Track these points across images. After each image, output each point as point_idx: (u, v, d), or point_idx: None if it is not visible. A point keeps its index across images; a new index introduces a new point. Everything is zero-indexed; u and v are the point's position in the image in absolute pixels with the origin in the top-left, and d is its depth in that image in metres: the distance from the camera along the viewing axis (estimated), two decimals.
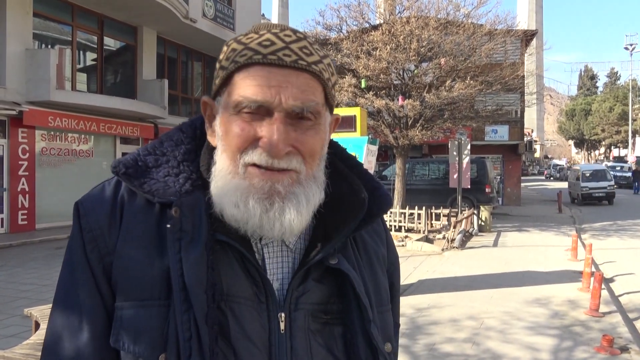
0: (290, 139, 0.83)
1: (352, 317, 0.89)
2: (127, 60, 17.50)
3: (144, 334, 0.82)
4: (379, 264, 1.01)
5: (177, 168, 0.91)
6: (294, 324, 0.87)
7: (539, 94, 21.44)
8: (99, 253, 0.87)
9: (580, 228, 15.68)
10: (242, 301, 0.85)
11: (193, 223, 0.84)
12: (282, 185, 0.83)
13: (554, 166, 74.66)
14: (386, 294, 1.00)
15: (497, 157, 23.97)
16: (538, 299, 7.05)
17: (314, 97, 0.85)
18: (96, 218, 0.88)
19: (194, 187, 0.89)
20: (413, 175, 18.58)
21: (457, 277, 8.54)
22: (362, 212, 0.93)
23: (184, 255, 0.81)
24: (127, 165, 0.90)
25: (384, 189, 1.00)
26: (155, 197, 0.88)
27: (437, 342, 5.36)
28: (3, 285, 7.78)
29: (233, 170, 0.84)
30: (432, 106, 14.24)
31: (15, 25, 13.11)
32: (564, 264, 9.70)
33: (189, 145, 0.95)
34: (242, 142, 0.83)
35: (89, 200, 0.91)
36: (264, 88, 0.82)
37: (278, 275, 0.90)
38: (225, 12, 19.76)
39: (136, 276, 0.84)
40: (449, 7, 14.94)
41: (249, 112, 0.83)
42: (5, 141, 13.11)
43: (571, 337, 5.53)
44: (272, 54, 0.82)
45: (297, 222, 0.84)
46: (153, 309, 0.82)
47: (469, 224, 13.82)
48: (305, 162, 0.85)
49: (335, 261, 0.89)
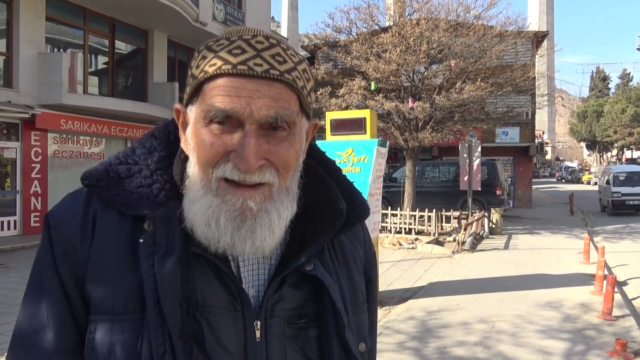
0: (263, 152, 0.80)
1: (327, 320, 0.89)
2: (138, 64, 17.63)
3: (117, 348, 0.80)
4: (355, 266, 1.00)
5: (150, 178, 0.88)
6: (270, 331, 0.86)
7: (550, 96, 21.27)
8: (70, 266, 0.84)
9: (592, 231, 15.53)
10: (217, 311, 0.84)
11: (167, 236, 0.82)
12: (254, 201, 0.81)
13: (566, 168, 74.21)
14: (362, 295, 1.00)
15: (508, 159, 23.83)
16: (550, 302, 6.99)
17: (288, 106, 0.82)
18: (67, 230, 0.86)
19: (167, 198, 0.87)
20: (423, 177, 18.51)
21: (467, 279, 8.49)
22: (340, 222, 0.92)
23: (158, 269, 0.80)
24: (98, 177, 0.88)
25: (361, 196, 0.99)
26: (128, 209, 0.85)
27: (447, 345, 5.33)
28: (16, 286, 7.85)
29: (206, 185, 0.82)
30: (442, 108, 14.19)
31: (28, 29, 13.26)
32: (575, 267, 9.62)
33: (162, 152, 0.92)
34: (213, 156, 0.80)
35: (60, 212, 0.88)
36: (233, 99, 0.79)
37: (254, 283, 0.89)
38: (235, 15, 19.84)
39: (109, 290, 0.82)
40: (459, 8, 14.91)
41: (219, 123, 0.80)
42: (18, 144, 13.25)
43: (584, 341, 5.48)
44: (242, 63, 0.79)
45: (269, 240, 0.83)
46: (127, 323, 0.81)
47: (479, 227, 13.75)
48: (279, 175, 0.83)
49: (310, 267, 0.88)
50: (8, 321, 6.02)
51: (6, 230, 13.03)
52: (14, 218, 13.23)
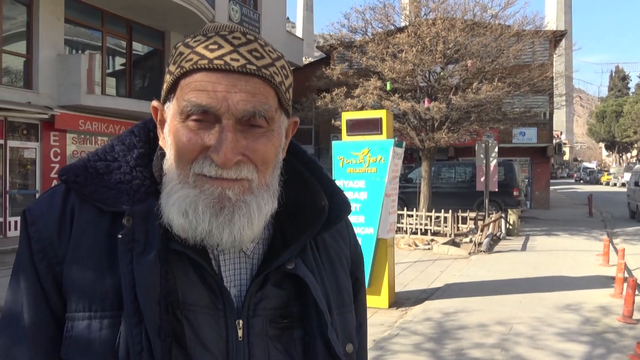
0: (241, 147, 0.79)
1: (310, 320, 0.88)
2: (155, 65, 17.78)
3: (94, 345, 0.79)
4: (340, 265, 0.99)
5: (129, 174, 0.87)
6: (252, 330, 0.85)
7: (568, 96, 21.02)
8: (48, 263, 0.83)
9: (611, 232, 15.30)
10: (198, 309, 0.82)
11: (146, 232, 0.81)
12: (232, 192, 0.80)
13: (584, 169, 73.29)
14: (348, 295, 0.98)
15: (525, 160, 23.59)
16: (569, 305, 6.89)
17: (266, 100, 0.81)
18: (45, 227, 0.85)
19: (147, 194, 0.86)
20: (439, 178, 18.40)
21: (484, 281, 8.42)
22: (322, 220, 0.91)
23: (136, 266, 0.79)
24: (76, 172, 0.87)
25: (343, 194, 0.98)
26: (106, 206, 0.84)
27: (465, 347, 5.29)
28: None
29: (183, 180, 0.81)
30: (458, 108, 14.10)
31: (47, 31, 13.45)
32: (595, 269, 9.48)
33: (141, 149, 0.91)
34: (190, 152, 0.80)
35: (38, 208, 0.87)
36: (210, 93, 0.78)
37: (236, 282, 0.87)
38: (251, 16, 19.92)
39: (87, 287, 0.81)
40: (475, 8, 14.81)
41: (196, 119, 0.79)
42: (37, 144, 13.45)
43: (604, 344, 5.39)
44: (218, 58, 0.79)
45: (248, 231, 0.82)
46: (104, 321, 0.80)
47: (496, 228, 13.64)
48: (258, 171, 0.82)
49: (292, 266, 0.87)
50: None
51: None
52: None
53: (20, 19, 13.39)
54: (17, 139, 13.09)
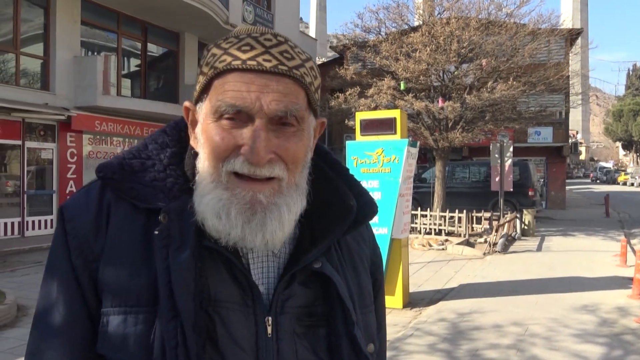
0: (272, 146, 0.81)
1: (336, 319, 0.89)
2: (170, 66, 17.91)
3: (129, 340, 0.81)
4: (362, 266, 1.00)
5: (163, 172, 0.89)
6: (280, 327, 0.86)
7: (584, 95, 20.77)
8: (84, 259, 0.85)
9: (629, 233, 15.10)
10: (229, 306, 0.84)
11: (181, 229, 0.83)
12: (263, 195, 0.82)
13: (601, 169, 72.41)
14: (369, 295, 0.99)
15: (541, 160, 23.36)
16: (585, 306, 6.82)
17: (297, 100, 0.83)
18: (82, 223, 0.87)
19: (181, 192, 0.87)
20: (453, 178, 18.31)
21: (499, 281, 8.36)
22: (350, 219, 0.92)
23: (172, 262, 0.80)
24: (113, 170, 0.89)
25: (369, 194, 0.99)
26: (142, 202, 0.86)
27: (480, 347, 5.26)
28: None
29: (216, 179, 0.83)
30: (472, 108, 14.01)
31: (64, 33, 13.61)
32: (612, 269, 9.37)
33: (174, 148, 0.93)
34: (223, 150, 0.81)
35: (74, 205, 0.89)
36: (243, 93, 0.80)
37: (263, 280, 0.89)
38: (265, 17, 19.98)
39: (123, 283, 0.83)
40: (490, 6, 14.70)
41: (229, 118, 0.81)
42: (54, 145, 13.61)
43: (621, 346, 5.33)
44: (251, 59, 0.81)
45: (279, 234, 0.83)
46: (139, 316, 0.81)
47: (511, 228, 13.53)
48: (288, 170, 0.84)
49: (318, 265, 0.88)
50: None
51: (43, 229, 13.40)
52: (50, 217, 13.59)
53: (38, 22, 13.56)
54: (34, 140, 13.26)
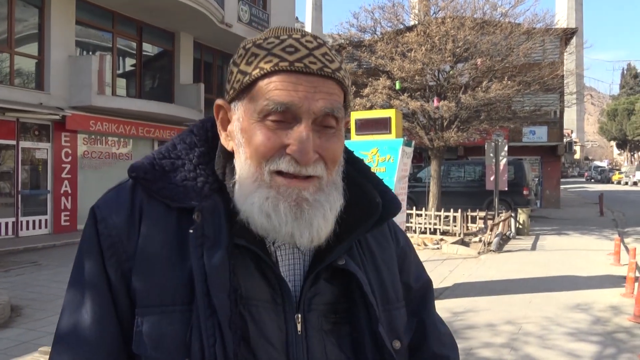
0: (316, 146, 0.83)
1: (358, 316, 0.90)
2: (165, 65, 17.88)
3: (166, 339, 0.82)
4: (384, 265, 1.00)
5: (193, 172, 0.90)
6: (309, 324, 0.88)
7: (579, 94, 20.89)
8: (117, 259, 0.86)
9: (623, 232, 15.17)
10: (259, 304, 0.85)
11: (214, 227, 0.84)
12: (308, 192, 0.84)
13: (595, 168, 72.69)
14: (394, 291, 1.00)
15: (536, 159, 23.45)
16: (579, 304, 6.86)
17: (339, 100, 0.87)
18: (114, 223, 0.87)
19: (212, 191, 0.89)
20: (448, 177, 18.35)
21: (494, 280, 8.39)
22: (376, 216, 0.94)
23: (207, 260, 0.81)
24: (145, 170, 0.90)
25: (392, 192, 1.00)
26: (174, 202, 0.87)
27: (474, 346, 5.28)
28: (47, 283, 8.05)
29: (259, 178, 0.84)
30: (468, 107, 14.05)
31: (59, 33, 13.58)
32: (605, 268, 9.42)
33: (202, 148, 0.94)
34: (268, 150, 0.83)
35: (106, 205, 0.90)
36: (291, 93, 0.82)
37: (290, 277, 0.90)
38: (260, 17, 19.97)
39: (157, 282, 0.83)
40: (485, 6, 14.75)
41: (275, 119, 0.83)
42: (49, 145, 13.58)
43: (614, 344, 5.36)
44: (298, 61, 0.83)
45: (325, 229, 0.85)
46: (175, 315, 0.82)
47: (506, 227, 13.57)
48: (327, 169, 0.86)
49: (342, 262, 0.90)
50: (41, 317, 6.17)
51: (37, 229, 13.37)
52: (45, 217, 13.56)
53: (32, 21, 13.52)
54: (29, 139, 13.22)
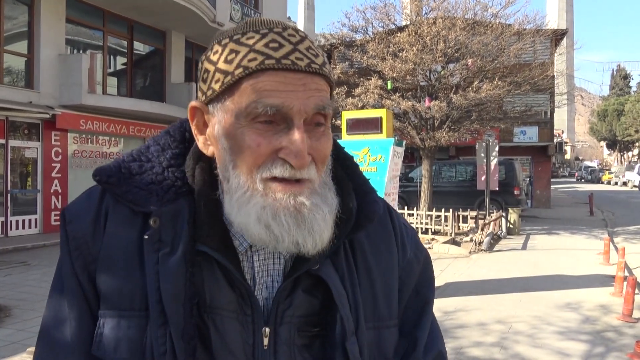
0: (308, 147, 0.78)
1: (334, 330, 0.83)
2: (156, 64, 17.80)
3: (122, 344, 0.80)
4: (380, 277, 0.91)
5: (161, 175, 0.87)
6: (279, 338, 0.83)
7: (569, 95, 20.99)
8: (83, 261, 0.85)
9: (612, 231, 15.29)
10: (225, 313, 0.81)
11: (173, 233, 0.81)
12: (304, 196, 0.79)
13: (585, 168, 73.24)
14: (388, 308, 0.91)
15: (526, 159, 23.58)
16: (568, 304, 6.91)
17: (327, 97, 0.82)
18: (80, 226, 0.86)
19: (177, 195, 0.85)
20: (440, 177, 18.41)
21: (484, 280, 8.43)
22: (350, 222, 0.87)
23: (161, 267, 0.79)
24: (109, 173, 0.87)
25: (375, 194, 0.94)
26: (137, 206, 0.85)
27: (464, 345, 5.30)
28: (36, 284, 7.99)
29: (251, 187, 0.79)
30: (459, 107, 14.10)
31: (49, 31, 13.47)
32: (595, 267, 9.49)
33: (176, 150, 0.90)
34: (259, 157, 0.77)
35: (75, 208, 0.89)
36: (281, 93, 0.76)
37: (267, 283, 0.85)
38: (252, 16, 19.88)
39: (116, 286, 0.82)
40: (476, 7, 14.80)
41: (264, 121, 0.77)
42: (39, 144, 13.47)
43: (603, 343, 5.40)
44: (284, 57, 0.77)
45: (326, 232, 0.81)
46: (132, 320, 0.81)
47: (497, 227, 13.63)
48: (317, 170, 0.81)
49: (316, 266, 0.83)
50: (31, 317, 6.13)
51: (27, 228, 13.26)
52: (34, 217, 13.46)
53: (22, 19, 13.41)
54: (18, 138, 13.11)
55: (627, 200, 29.04)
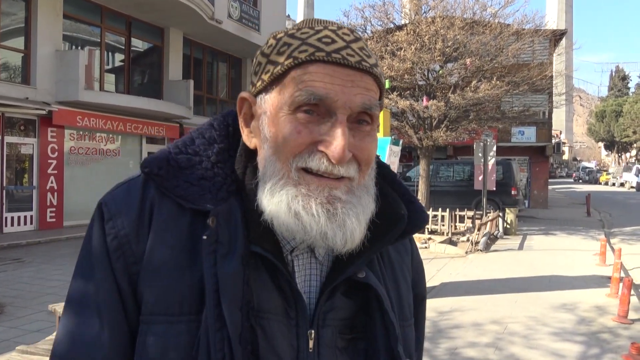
0: (350, 145, 0.77)
1: (376, 333, 0.84)
2: (154, 61, 17.76)
3: (170, 351, 0.76)
4: (403, 278, 0.95)
5: (211, 170, 0.83)
6: (322, 341, 0.82)
7: (567, 95, 21.00)
8: (125, 262, 0.79)
9: (609, 232, 15.31)
10: (272, 317, 0.79)
11: (229, 234, 0.78)
12: (340, 191, 0.77)
13: (583, 169, 73.38)
14: (409, 309, 0.95)
15: (524, 159, 23.59)
16: (564, 304, 6.89)
17: (376, 97, 0.80)
18: (123, 223, 0.80)
19: (228, 193, 0.82)
20: (437, 176, 18.41)
21: (480, 280, 8.42)
22: (401, 228, 0.87)
23: (220, 269, 0.75)
24: (159, 165, 0.83)
25: (419, 203, 0.94)
26: (188, 202, 0.80)
27: (459, 346, 5.28)
28: (30, 281, 7.95)
29: (286, 175, 0.77)
30: (457, 107, 14.09)
31: (46, 27, 13.42)
32: (591, 268, 9.48)
33: (222, 144, 0.87)
34: (298, 145, 0.76)
35: (115, 203, 0.83)
36: (327, 85, 0.75)
37: (306, 289, 0.84)
38: (251, 13, 19.88)
39: (165, 289, 0.77)
40: (475, 6, 14.78)
41: (307, 111, 0.76)
42: (35, 140, 13.42)
43: (598, 344, 5.39)
44: (335, 52, 0.77)
45: (359, 232, 0.79)
46: (182, 325, 0.76)
47: (493, 227, 13.63)
48: (360, 170, 0.80)
49: (363, 275, 0.83)
50: (23, 315, 6.10)
51: (22, 225, 13.22)
52: (30, 213, 13.41)
53: (19, 15, 13.35)
54: (14, 134, 13.06)
55: (625, 201, 29.09)
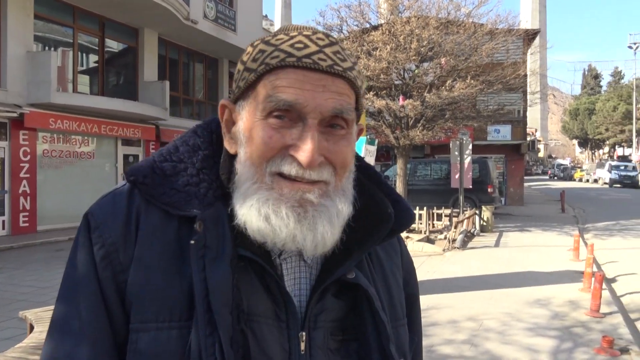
0: (322, 149, 0.78)
1: (367, 333, 0.85)
2: (129, 62, 17.53)
3: (162, 358, 0.76)
4: (392, 277, 0.96)
5: (196, 177, 0.84)
6: (314, 343, 0.82)
7: (542, 94, 21.33)
8: (112, 271, 0.79)
9: (583, 228, 15.60)
10: (262, 320, 0.80)
11: (217, 238, 0.78)
12: (313, 195, 0.78)
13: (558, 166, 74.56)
14: (401, 308, 0.95)
15: (500, 157, 23.88)
16: (538, 300, 7.00)
17: (350, 101, 0.81)
18: (110, 231, 0.80)
19: (215, 198, 0.83)
20: (415, 175, 18.55)
21: (457, 277, 8.50)
22: (388, 227, 0.88)
23: (209, 273, 0.75)
24: (144, 173, 0.83)
25: (405, 202, 0.94)
26: (175, 209, 0.81)
27: (435, 343, 5.33)
28: (2, 287, 7.78)
29: (259, 180, 0.79)
30: (433, 106, 14.19)
31: (16, 27, 13.14)
32: (565, 264, 9.65)
33: (206, 151, 0.88)
34: (269, 150, 0.77)
35: (101, 212, 0.83)
36: (297, 90, 0.76)
37: (296, 292, 0.85)
38: (227, 14, 19.76)
39: (154, 296, 0.77)
40: (449, 6, 14.89)
41: (278, 116, 0.77)
42: (6, 143, 13.13)
43: (571, 338, 5.49)
44: (306, 57, 0.78)
45: (330, 236, 0.80)
46: (172, 331, 0.76)
47: (470, 224, 13.78)
48: (336, 174, 0.81)
49: (352, 276, 0.84)
50: None
51: None
52: (2, 218, 13.12)
53: None
54: None
55: (598, 197, 29.67)
